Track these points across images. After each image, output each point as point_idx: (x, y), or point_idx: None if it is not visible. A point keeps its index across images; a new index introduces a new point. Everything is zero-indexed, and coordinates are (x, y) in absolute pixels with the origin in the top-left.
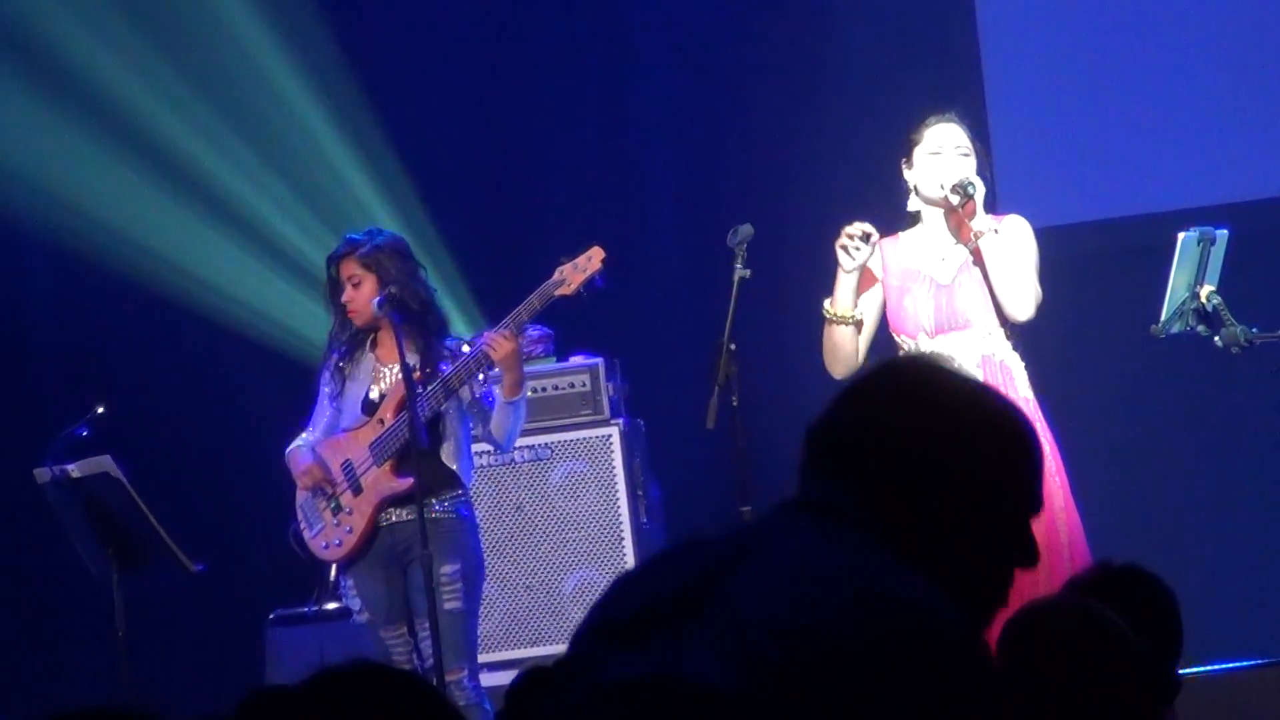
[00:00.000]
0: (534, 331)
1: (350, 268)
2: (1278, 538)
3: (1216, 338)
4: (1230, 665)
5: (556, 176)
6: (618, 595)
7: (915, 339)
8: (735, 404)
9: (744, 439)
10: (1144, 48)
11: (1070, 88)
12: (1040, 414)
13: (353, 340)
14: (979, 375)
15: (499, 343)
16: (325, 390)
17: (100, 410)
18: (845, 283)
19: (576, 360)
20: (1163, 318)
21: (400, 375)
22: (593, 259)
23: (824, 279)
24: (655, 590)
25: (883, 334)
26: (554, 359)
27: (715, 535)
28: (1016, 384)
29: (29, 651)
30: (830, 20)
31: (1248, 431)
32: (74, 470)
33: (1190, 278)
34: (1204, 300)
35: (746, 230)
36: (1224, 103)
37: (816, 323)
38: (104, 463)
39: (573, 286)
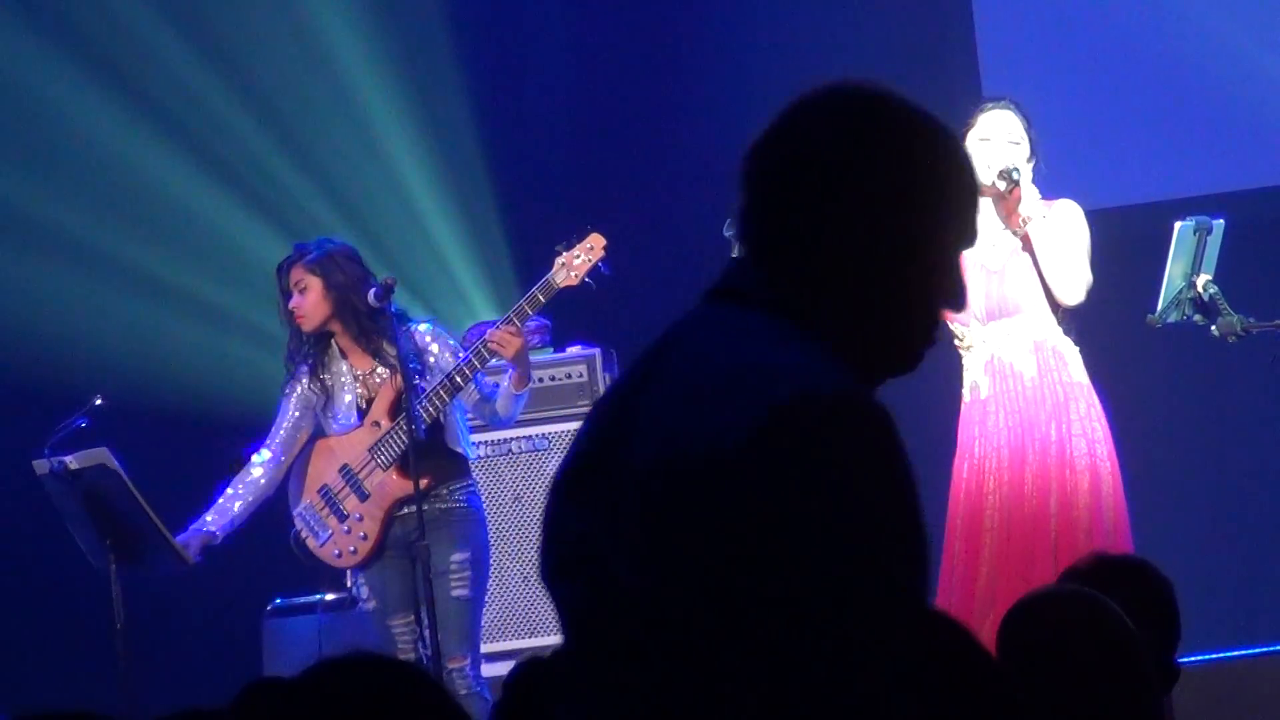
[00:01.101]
0: (531, 322)
1: (297, 273)
2: (1274, 526)
3: (1213, 327)
4: (1227, 654)
5: (556, 164)
6: (570, 450)
7: (967, 326)
8: None
9: None
10: (1139, 37)
11: (1066, 77)
12: (1096, 399)
13: (316, 350)
14: (1031, 360)
15: (507, 340)
16: (292, 402)
17: (98, 401)
18: None
19: (574, 350)
20: (1159, 307)
21: (381, 378)
22: (594, 247)
23: None
24: (588, 436)
25: None
26: (551, 349)
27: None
28: (1070, 369)
29: (27, 643)
30: (827, 14)
31: (1244, 420)
32: (72, 462)
33: (1187, 267)
34: (1200, 290)
35: None
36: (1220, 92)
37: None
38: (101, 454)
39: (577, 276)
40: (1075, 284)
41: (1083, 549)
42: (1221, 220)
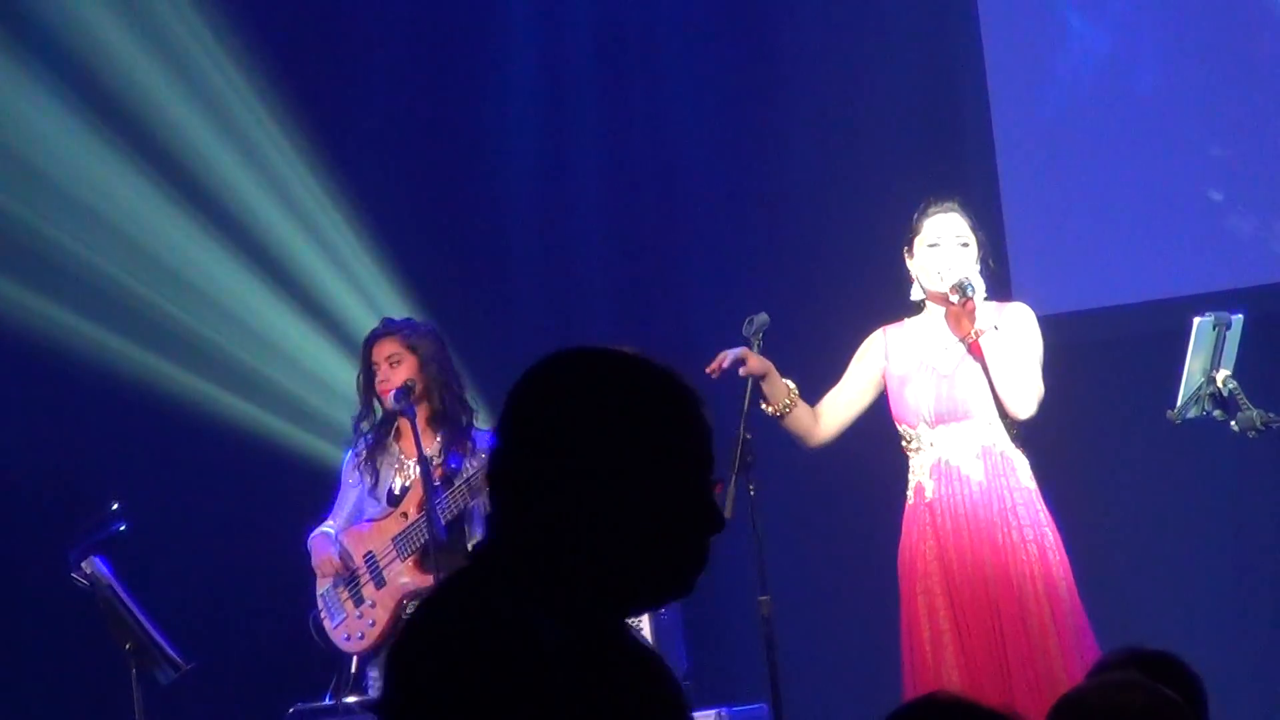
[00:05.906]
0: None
1: (391, 346)
2: None
3: (1233, 422)
4: None
5: (573, 265)
6: None
7: (915, 428)
8: (752, 493)
9: (762, 528)
10: (1156, 133)
11: (1083, 173)
12: (1043, 505)
13: (378, 430)
14: (979, 466)
15: None
16: (349, 481)
17: (115, 506)
18: (760, 385)
19: None
20: (1179, 403)
21: (418, 470)
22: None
23: (840, 367)
24: None
25: (886, 419)
26: None
27: None
28: (1018, 474)
29: None
30: (845, 114)
31: (1266, 516)
32: (85, 566)
33: (1206, 363)
34: (1220, 385)
35: (762, 319)
36: (1237, 187)
37: None
38: (89, 564)
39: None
40: (1026, 398)
41: (1051, 652)
42: (1240, 315)
